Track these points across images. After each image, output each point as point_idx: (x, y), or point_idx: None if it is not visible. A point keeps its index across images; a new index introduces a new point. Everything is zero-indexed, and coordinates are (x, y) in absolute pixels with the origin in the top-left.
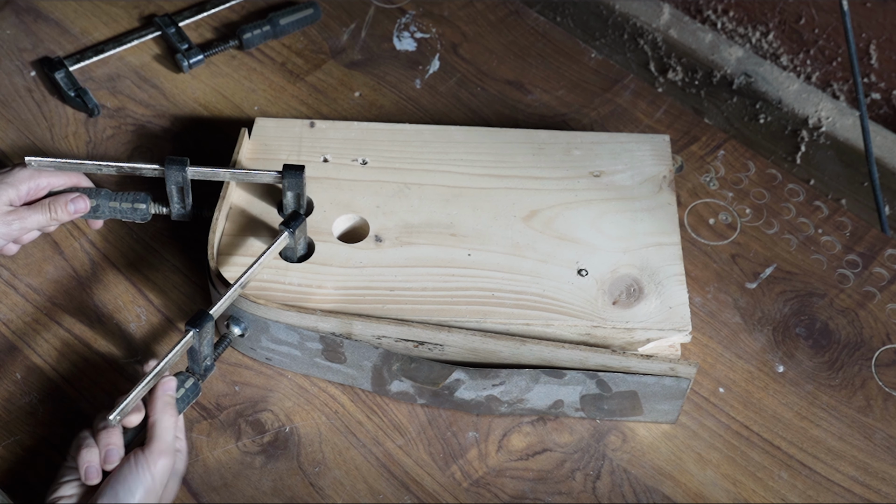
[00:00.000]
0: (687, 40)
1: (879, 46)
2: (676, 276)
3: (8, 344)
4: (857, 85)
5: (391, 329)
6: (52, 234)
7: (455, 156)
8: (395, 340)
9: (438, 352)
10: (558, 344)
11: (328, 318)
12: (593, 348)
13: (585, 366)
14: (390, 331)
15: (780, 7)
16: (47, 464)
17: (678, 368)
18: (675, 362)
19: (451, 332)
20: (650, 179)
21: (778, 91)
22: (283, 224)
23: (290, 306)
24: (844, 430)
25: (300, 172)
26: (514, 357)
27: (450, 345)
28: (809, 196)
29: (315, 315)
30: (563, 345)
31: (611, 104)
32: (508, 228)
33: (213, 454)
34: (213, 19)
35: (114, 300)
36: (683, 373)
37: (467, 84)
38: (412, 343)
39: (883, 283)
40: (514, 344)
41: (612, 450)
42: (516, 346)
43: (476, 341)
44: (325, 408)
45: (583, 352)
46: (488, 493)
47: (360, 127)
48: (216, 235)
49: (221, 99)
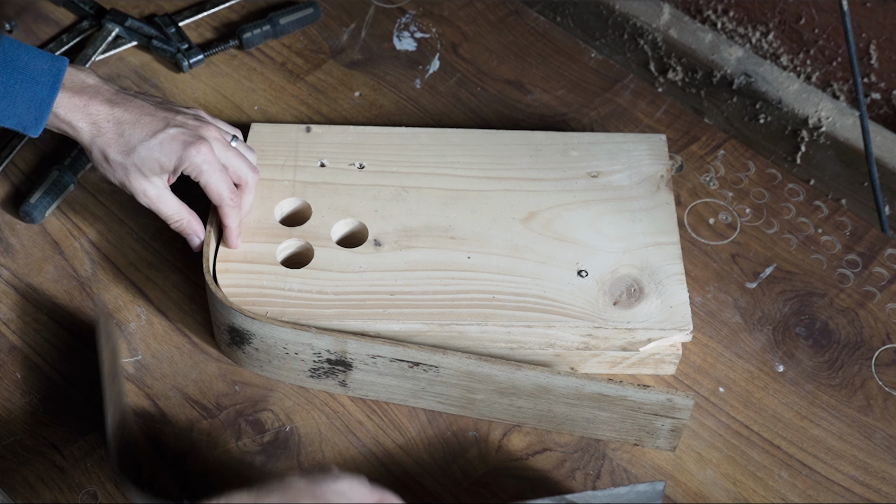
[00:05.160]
0: (687, 40)
1: (879, 46)
2: (676, 275)
3: (8, 344)
4: (857, 85)
5: (386, 349)
6: (52, 234)
7: (452, 158)
8: (390, 360)
9: (433, 374)
10: (552, 372)
11: (322, 335)
12: (589, 377)
13: (581, 393)
14: (385, 350)
15: (780, 7)
16: (47, 464)
17: (675, 399)
18: (673, 393)
19: (445, 354)
20: (648, 179)
21: (778, 91)
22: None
23: (285, 322)
24: (844, 429)
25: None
26: (510, 382)
27: (445, 367)
28: (809, 196)
29: (310, 332)
30: (557, 373)
31: (611, 104)
32: (507, 230)
33: (213, 454)
34: (213, 19)
35: (114, 300)
36: (681, 404)
37: (467, 84)
38: (406, 364)
39: (883, 283)
40: (510, 369)
41: (612, 449)
42: (511, 372)
43: (472, 364)
44: (325, 408)
45: (579, 379)
46: (488, 492)
47: (356, 131)
48: (210, 249)
49: (221, 99)
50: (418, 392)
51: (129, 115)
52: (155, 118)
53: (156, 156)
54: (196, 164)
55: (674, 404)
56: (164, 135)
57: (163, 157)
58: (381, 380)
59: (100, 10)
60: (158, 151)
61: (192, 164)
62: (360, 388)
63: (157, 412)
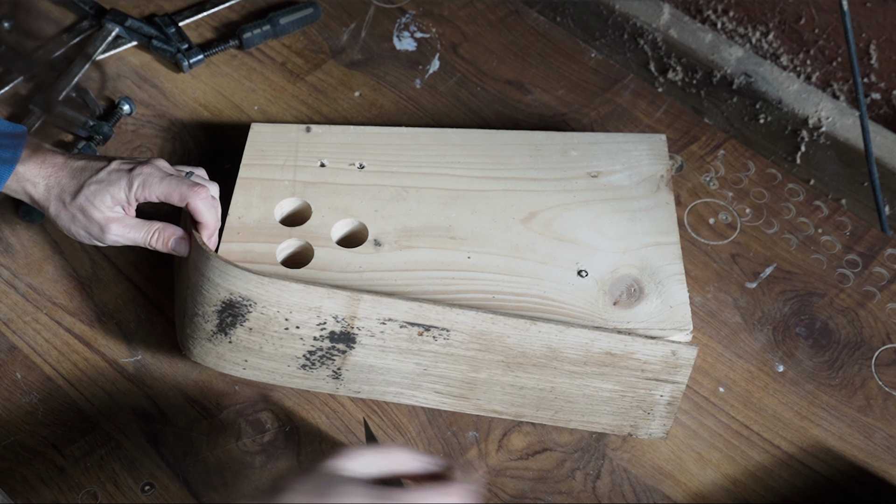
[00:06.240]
0: (687, 40)
1: (879, 46)
2: (676, 275)
3: (8, 344)
4: (857, 85)
5: (399, 306)
6: (52, 234)
7: (452, 158)
8: (401, 326)
9: (442, 343)
10: (566, 324)
11: (336, 293)
12: (600, 329)
13: (589, 354)
14: (399, 309)
15: (780, 7)
16: (47, 464)
17: (679, 350)
18: (678, 344)
19: (462, 311)
20: (648, 179)
21: (778, 91)
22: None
23: (296, 279)
24: (844, 429)
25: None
26: (520, 346)
27: (457, 329)
28: (809, 196)
29: (323, 289)
30: (571, 325)
31: (611, 104)
32: (507, 230)
33: (213, 454)
34: (213, 19)
35: (114, 300)
36: (684, 355)
37: (467, 84)
38: (417, 329)
39: (883, 283)
40: (524, 324)
41: (612, 449)
42: (525, 327)
43: (486, 321)
44: (325, 408)
45: (591, 332)
46: (488, 492)
47: (356, 131)
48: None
49: (221, 99)
50: (418, 378)
51: (79, 162)
52: (100, 160)
53: (104, 186)
54: (142, 180)
55: (677, 357)
56: (109, 167)
57: (111, 186)
58: (382, 362)
59: (100, 10)
60: (107, 182)
61: (139, 181)
62: (354, 381)
63: (157, 412)
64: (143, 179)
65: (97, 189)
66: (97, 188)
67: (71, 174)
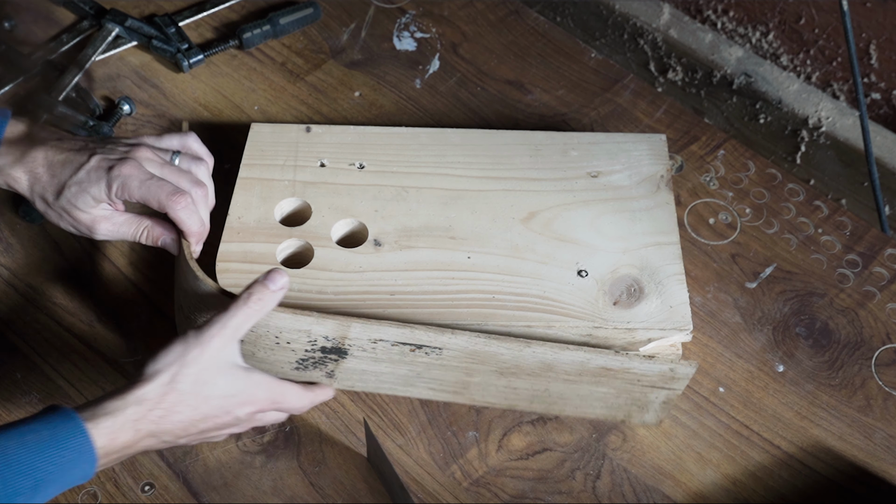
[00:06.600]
0: (687, 40)
1: (879, 46)
2: (676, 275)
3: (8, 344)
4: (857, 85)
5: (389, 332)
6: (52, 234)
7: (452, 158)
8: (392, 345)
9: (434, 357)
10: (561, 346)
11: (325, 320)
12: (595, 350)
13: (584, 369)
14: (388, 334)
15: (780, 7)
16: None
17: (677, 369)
18: (675, 363)
19: (453, 334)
20: (648, 179)
21: (778, 91)
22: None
23: (285, 308)
24: (844, 429)
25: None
26: (515, 361)
27: (449, 348)
28: (809, 196)
29: (311, 317)
30: (566, 347)
31: (611, 104)
32: (507, 230)
33: (213, 454)
34: (213, 19)
35: (114, 300)
36: (682, 372)
37: (467, 84)
38: (409, 347)
39: (883, 283)
40: (518, 346)
41: (612, 449)
42: (519, 349)
43: (479, 343)
44: (325, 408)
45: (586, 353)
46: (488, 492)
47: (356, 131)
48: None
49: (221, 99)
50: (411, 379)
51: (60, 156)
52: (80, 153)
53: (84, 187)
54: (120, 182)
55: (675, 374)
56: (88, 165)
57: (91, 186)
58: (375, 367)
59: (100, 10)
60: (87, 182)
61: (118, 184)
62: (348, 379)
63: None
64: (122, 182)
65: (77, 191)
66: (77, 190)
67: (51, 172)
